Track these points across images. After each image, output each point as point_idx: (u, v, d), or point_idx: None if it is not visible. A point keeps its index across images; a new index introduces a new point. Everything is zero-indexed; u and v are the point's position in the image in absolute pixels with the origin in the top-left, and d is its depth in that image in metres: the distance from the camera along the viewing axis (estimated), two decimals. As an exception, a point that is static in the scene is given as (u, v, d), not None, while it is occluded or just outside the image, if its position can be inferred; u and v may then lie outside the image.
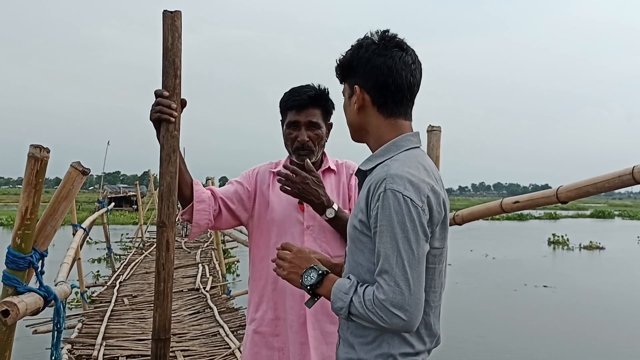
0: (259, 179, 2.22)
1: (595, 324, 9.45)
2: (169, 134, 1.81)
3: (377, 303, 1.34)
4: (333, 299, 1.43)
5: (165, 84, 1.82)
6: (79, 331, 6.09)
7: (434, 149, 3.12)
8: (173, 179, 1.82)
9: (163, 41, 1.79)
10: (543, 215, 50.36)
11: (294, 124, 2.12)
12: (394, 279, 1.33)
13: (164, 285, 1.80)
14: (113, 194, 43.53)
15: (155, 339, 1.80)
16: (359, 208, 1.47)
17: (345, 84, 1.59)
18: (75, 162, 2.19)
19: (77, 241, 6.41)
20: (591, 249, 21.54)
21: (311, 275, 1.48)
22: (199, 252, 13.51)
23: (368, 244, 1.44)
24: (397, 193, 1.36)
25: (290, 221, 2.11)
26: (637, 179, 1.70)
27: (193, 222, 2.07)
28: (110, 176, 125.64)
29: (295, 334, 2.07)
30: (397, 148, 1.50)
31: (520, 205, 2.29)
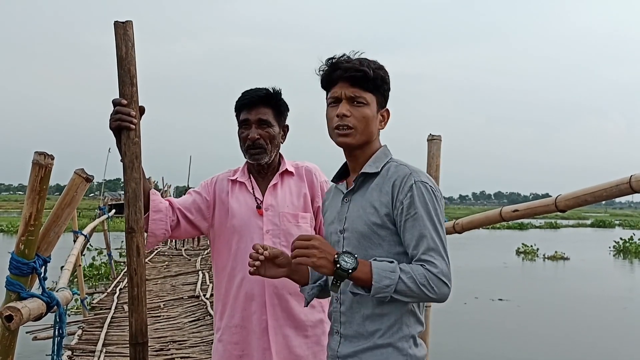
0: (218, 188, 2.25)
1: (541, 339, 9.19)
2: (130, 141, 1.85)
3: (430, 276, 1.50)
4: (377, 278, 1.49)
5: (123, 93, 1.85)
6: (79, 338, 6.10)
7: (434, 158, 3.14)
8: (138, 185, 1.85)
9: (117, 50, 1.82)
10: (544, 225, 50.36)
11: (244, 123, 2.16)
12: (441, 254, 1.53)
13: (137, 290, 1.82)
14: (114, 200, 43.42)
15: (132, 343, 1.81)
16: (379, 204, 1.60)
17: (375, 97, 1.67)
18: (79, 169, 2.21)
19: (77, 248, 6.43)
20: (555, 260, 21.23)
21: (349, 259, 1.50)
22: (199, 259, 13.51)
23: (387, 236, 1.60)
24: (426, 185, 1.59)
25: (250, 227, 2.14)
26: (635, 188, 1.72)
27: (149, 231, 2.08)
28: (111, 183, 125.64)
29: (258, 340, 2.09)
30: (386, 155, 1.71)
31: (520, 214, 2.31)
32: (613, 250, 24.91)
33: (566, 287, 14.74)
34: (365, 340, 1.60)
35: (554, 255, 21.66)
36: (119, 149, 1.87)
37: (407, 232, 1.57)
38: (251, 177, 2.23)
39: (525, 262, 21.06)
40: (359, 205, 1.66)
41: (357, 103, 1.65)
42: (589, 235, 35.33)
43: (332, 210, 1.77)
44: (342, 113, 1.65)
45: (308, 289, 1.80)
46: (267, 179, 2.22)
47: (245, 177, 2.23)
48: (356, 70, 1.63)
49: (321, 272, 1.54)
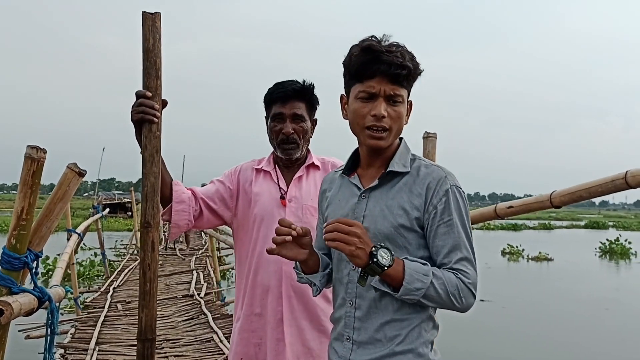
0: (242, 177, 2.22)
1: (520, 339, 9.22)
2: (152, 134, 1.81)
3: (462, 286, 1.45)
4: (409, 279, 1.42)
5: (147, 85, 1.82)
6: (71, 336, 6.06)
7: (429, 155, 3.13)
8: (157, 180, 1.81)
9: (143, 42, 1.79)
10: (537, 226, 50.48)
11: (278, 117, 2.13)
12: (473, 265, 1.50)
13: (149, 285, 1.80)
14: (108, 200, 43.36)
15: (141, 339, 1.80)
16: (410, 206, 1.51)
17: (407, 91, 1.54)
18: (72, 164, 2.19)
19: (71, 246, 6.40)
20: (539, 260, 21.22)
21: (386, 256, 1.41)
22: (193, 259, 13.48)
23: (413, 240, 1.52)
24: (461, 190, 1.54)
25: (273, 216, 2.10)
26: (630, 184, 1.71)
27: (172, 222, 2.07)
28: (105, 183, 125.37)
29: (273, 330, 2.08)
30: (408, 150, 1.61)
31: (514, 210, 2.30)
32: (599, 251, 24.90)
33: (548, 288, 14.73)
34: (382, 347, 1.51)
35: (538, 256, 21.66)
36: (138, 142, 1.84)
37: (438, 238, 1.50)
38: (276, 167, 2.21)
39: (509, 263, 21.03)
40: (382, 204, 1.54)
41: (395, 102, 1.51)
42: (582, 237, 35.33)
43: (342, 205, 1.63)
44: (382, 114, 1.50)
45: (319, 276, 1.67)
46: (293, 170, 2.20)
47: (271, 166, 2.21)
48: (400, 66, 1.48)
49: (354, 262, 1.43)
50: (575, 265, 19.99)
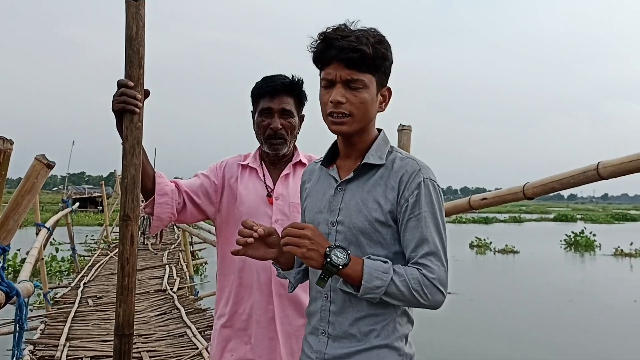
0: (227, 172, 2.17)
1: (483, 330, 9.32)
2: (133, 125, 1.76)
3: (425, 282, 1.43)
4: (368, 278, 1.41)
5: (130, 74, 1.76)
6: (41, 332, 5.94)
7: (404, 148, 3.14)
8: (137, 172, 1.76)
9: (127, 30, 1.74)
10: (508, 219, 51.25)
11: (266, 111, 2.08)
12: (440, 260, 1.46)
13: (128, 279, 1.75)
14: (78, 194, 42.58)
15: (119, 334, 1.75)
16: (384, 199, 1.49)
17: (374, 77, 1.50)
18: (40, 155, 2.14)
19: (40, 241, 6.27)
20: (505, 253, 21.47)
21: (341, 255, 1.42)
22: (166, 253, 13.33)
23: (388, 234, 1.50)
24: (434, 183, 1.50)
25: (259, 215, 2.07)
26: (602, 174, 1.74)
27: (154, 215, 2.01)
28: (75, 177, 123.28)
29: (264, 329, 2.05)
30: (386, 142, 1.59)
31: (488, 201, 2.32)
32: (564, 243, 25.21)
33: (513, 281, 14.87)
34: (357, 342, 1.51)
35: (504, 249, 21.90)
36: (119, 132, 1.78)
37: (408, 232, 1.48)
38: (263, 164, 2.17)
39: (477, 256, 21.21)
40: (358, 198, 1.53)
41: (354, 87, 1.48)
42: (550, 229, 35.88)
43: (319, 197, 1.63)
44: (337, 100, 1.48)
45: (294, 273, 1.68)
46: (280, 168, 2.16)
47: (257, 163, 2.17)
48: (353, 50, 1.44)
49: (309, 264, 1.44)
50: (540, 257, 20.25)
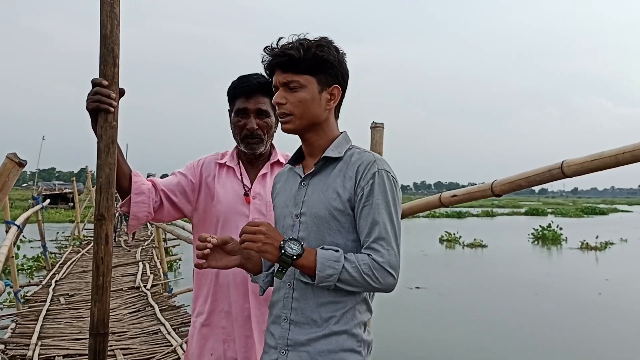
0: (204, 171, 2.18)
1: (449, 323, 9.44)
2: (107, 124, 1.76)
3: (375, 266, 1.51)
4: (320, 267, 1.50)
5: (104, 73, 1.76)
6: (12, 331, 5.87)
7: (377, 145, 3.18)
8: (112, 171, 1.77)
9: (101, 28, 1.74)
10: (480, 213, 51.97)
11: (242, 112, 2.10)
12: (390, 244, 1.54)
13: (103, 279, 1.76)
14: (48, 191, 41.89)
15: (93, 333, 1.76)
16: (342, 189, 1.59)
17: (313, 77, 1.61)
18: (11, 154, 2.12)
19: (10, 238, 6.20)
20: (474, 247, 21.71)
21: (295, 247, 1.50)
22: (139, 250, 13.23)
23: (347, 223, 1.59)
24: (388, 173, 1.60)
25: (236, 213, 2.09)
26: (566, 173, 1.80)
27: (131, 214, 2.01)
28: (45, 173, 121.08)
29: (240, 328, 2.07)
30: (347, 141, 1.70)
31: (458, 198, 2.37)
32: (532, 237, 25.52)
33: (480, 274, 15.02)
34: (318, 328, 1.58)
35: (473, 243, 22.17)
36: (94, 131, 1.78)
37: (362, 219, 1.57)
38: (240, 163, 2.18)
39: (446, 250, 21.43)
40: (319, 189, 1.64)
41: (292, 88, 1.61)
42: (521, 223, 36.40)
43: (286, 194, 1.73)
44: (276, 101, 1.63)
45: (262, 276, 1.76)
46: (257, 167, 2.18)
47: (235, 162, 2.18)
48: (282, 54, 1.59)
49: (266, 257, 1.53)
50: (507, 251, 20.53)
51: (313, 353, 1.57)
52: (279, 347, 1.63)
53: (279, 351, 1.62)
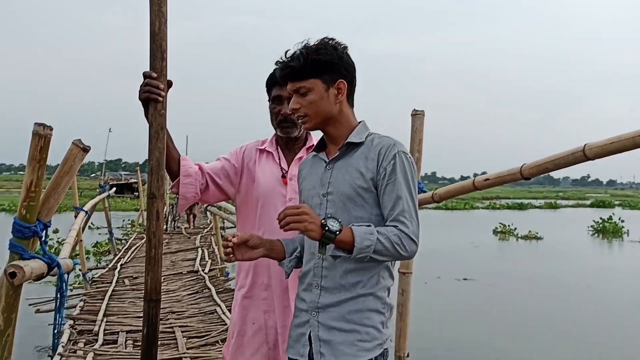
0: (246, 156, 2.36)
1: (496, 317, 9.26)
2: (157, 112, 1.96)
3: (403, 235, 1.69)
4: (359, 240, 1.65)
5: (153, 66, 1.95)
6: (80, 309, 6.30)
7: (417, 132, 3.27)
8: (162, 154, 1.96)
9: (150, 26, 1.93)
10: (543, 205, 50.59)
11: (277, 99, 2.27)
12: (412, 216, 1.73)
13: (154, 251, 1.96)
14: (115, 180, 43.71)
15: (147, 299, 1.97)
16: (365, 169, 1.78)
17: (317, 79, 1.80)
18: (77, 140, 2.35)
19: (79, 223, 6.59)
20: (529, 239, 21.24)
21: (335, 224, 1.65)
22: (198, 237, 13.72)
23: (370, 199, 1.78)
24: (407, 155, 1.80)
25: (274, 194, 2.26)
26: (588, 155, 1.86)
27: (180, 194, 2.21)
28: (112, 163, 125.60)
29: (279, 299, 2.24)
30: (366, 128, 1.89)
31: (491, 182, 2.45)
32: (591, 230, 24.68)
33: (531, 267, 14.71)
34: (346, 292, 1.76)
35: (527, 235, 21.65)
36: (147, 120, 1.99)
37: (386, 195, 1.75)
38: (279, 149, 2.36)
39: (498, 242, 21.04)
40: (343, 171, 1.82)
41: (302, 93, 1.82)
42: (587, 216, 35.17)
43: (313, 177, 1.91)
44: (292, 108, 1.85)
45: (287, 262, 1.95)
46: (294, 151, 2.35)
47: (273, 147, 2.36)
48: (286, 67, 1.81)
49: (310, 235, 1.66)
50: (563, 243, 20.01)
51: (342, 312, 1.76)
52: (310, 309, 1.81)
53: (310, 313, 1.81)
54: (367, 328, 1.76)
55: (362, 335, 1.75)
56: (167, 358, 4.61)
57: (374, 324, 1.77)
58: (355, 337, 1.74)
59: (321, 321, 1.78)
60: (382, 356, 1.78)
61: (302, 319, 1.84)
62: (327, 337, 1.76)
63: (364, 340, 1.74)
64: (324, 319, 1.78)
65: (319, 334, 1.78)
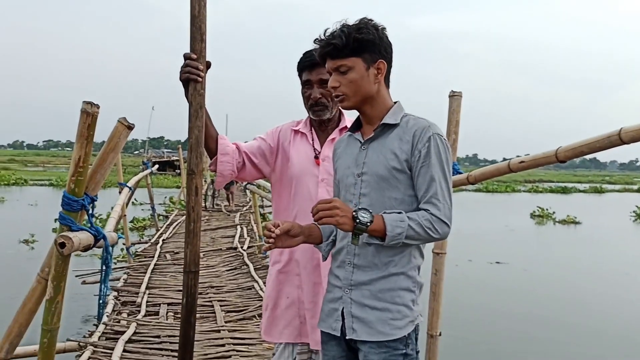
0: (282, 137, 2.43)
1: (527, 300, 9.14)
2: (196, 92, 2.04)
3: (434, 219, 1.73)
4: (390, 228, 1.70)
5: (193, 48, 2.03)
6: (124, 281, 6.55)
7: (454, 113, 3.27)
8: (201, 132, 2.05)
9: (191, 9, 2.00)
10: (588, 189, 49.32)
11: (307, 83, 2.33)
12: (445, 199, 1.76)
13: (193, 225, 2.05)
14: (157, 158, 44.53)
15: (186, 271, 2.06)
16: (400, 151, 1.80)
17: (359, 58, 1.81)
18: (122, 118, 2.45)
19: (123, 198, 6.80)
20: (566, 224, 20.77)
21: (365, 215, 1.70)
22: (238, 215, 13.96)
23: (404, 180, 1.81)
24: (442, 137, 1.81)
25: (308, 174, 2.33)
26: (623, 139, 1.85)
27: (217, 172, 2.30)
28: (154, 141, 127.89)
29: (310, 275, 2.31)
30: (402, 109, 1.91)
31: (525, 164, 2.44)
32: (633, 215, 23.85)
33: (567, 252, 14.42)
34: (378, 270, 1.81)
35: (565, 220, 21.20)
36: (187, 99, 2.08)
37: (420, 176, 1.78)
38: (312, 130, 2.42)
39: (535, 226, 20.69)
40: (378, 151, 1.84)
41: (342, 72, 1.82)
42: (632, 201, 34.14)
43: (348, 157, 1.94)
44: (331, 86, 1.85)
45: (324, 246, 2.02)
46: (327, 132, 2.40)
47: (307, 129, 2.42)
48: (328, 45, 1.81)
49: (343, 228, 1.72)
50: (602, 229, 19.48)
51: (374, 291, 1.81)
52: (344, 286, 1.86)
53: (343, 290, 1.86)
54: (399, 306, 1.80)
55: (393, 314, 1.80)
56: (206, 330, 4.77)
57: (405, 302, 1.81)
58: (388, 315, 1.79)
59: (354, 298, 1.84)
60: (414, 332, 1.84)
61: (336, 295, 1.89)
62: (360, 314, 1.82)
63: (395, 318, 1.79)
64: (357, 297, 1.83)
65: (352, 310, 1.83)
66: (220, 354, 4.21)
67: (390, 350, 1.78)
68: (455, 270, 10.24)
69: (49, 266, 2.27)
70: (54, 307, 2.24)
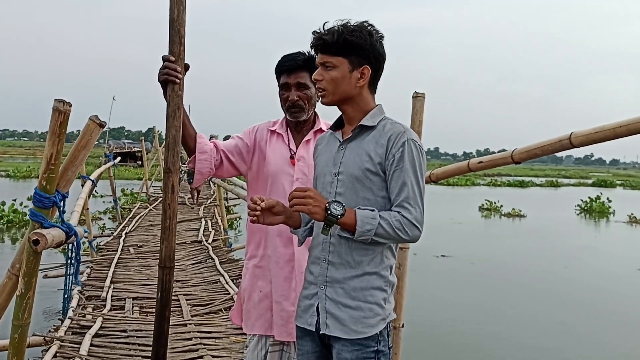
0: (258, 136, 2.51)
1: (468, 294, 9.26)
2: (174, 93, 2.11)
3: (404, 222, 1.79)
4: (360, 224, 1.78)
5: (172, 50, 2.10)
6: (88, 276, 6.50)
7: (417, 114, 3.37)
8: (178, 132, 2.12)
9: (170, 13, 2.06)
10: (544, 183, 50.68)
11: (285, 86, 2.41)
12: (417, 203, 1.82)
13: (169, 222, 2.12)
14: (118, 149, 43.76)
15: (162, 266, 2.13)
16: (374, 154, 1.86)
17: (345, 59, 1.87)
18: (93, 116, 2.48)
19: (85, 192, 6.74)
20: (511, 217, 21.29)
21: (338, 207, 1.77)
22: (202, 208, 13.91)
23: (377, 182, 1.87)
24: (416, 143, 1.86)
25: (283, 173, 2.42)
26: (573, 143, 1.99)
27: (196, 169, 2.37)
28: (114, 131, 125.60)
29: (281, 269, 2.40)
30: (381, 112, 1.97)
31: (484, 165, 2.58)
32: (578, 209, 24.55)
33: (510, 244, 14.67)
34: (352, 269, 1.88)
35: (510, 213, 21.70)
36: (165, 99, 2.14)
37: (393, 180, 1.84)
38: (288, 131, 2.50)
39: (481, 220, 21.03)
40: (354, 152, 1.91)
41: (327, 67, 1.89)
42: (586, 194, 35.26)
43: (327, 155, 2.02)
44: (314, 78, 1.93)
45: (301, 231, 2.08)
46: (302, 134, 2.49)
47: (283, 129, 2.50)
48: (319, 39, 1.88)
49: (314, 217, 1.79)
50: (546, 222, 19.86)
51: (348, 289, 1.89)
52: (319, 282, 1.94)
53: (319, 286, 1.94)
54: (371, 305, 1.87)
55: (366, 312, 1.87)
56: (173, 324, 4.80)
57: (377, 300, 1.89)
58: (360, 314, 1.86)
59: (329, 295, 1.91)
60: (386, 329, 1.92)
61: (311, 291, 1.97)
62: (334, 312, 1.90)
63: (368, 317, 1.87)
64: (331, 294, 1.91)
65: (327, 306, 1.91)
66: (188, 348, 4.27)
67: (363, 347, 1.86)
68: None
69: (19, 262, 2.30)
70: (26, 302, 2.26)
